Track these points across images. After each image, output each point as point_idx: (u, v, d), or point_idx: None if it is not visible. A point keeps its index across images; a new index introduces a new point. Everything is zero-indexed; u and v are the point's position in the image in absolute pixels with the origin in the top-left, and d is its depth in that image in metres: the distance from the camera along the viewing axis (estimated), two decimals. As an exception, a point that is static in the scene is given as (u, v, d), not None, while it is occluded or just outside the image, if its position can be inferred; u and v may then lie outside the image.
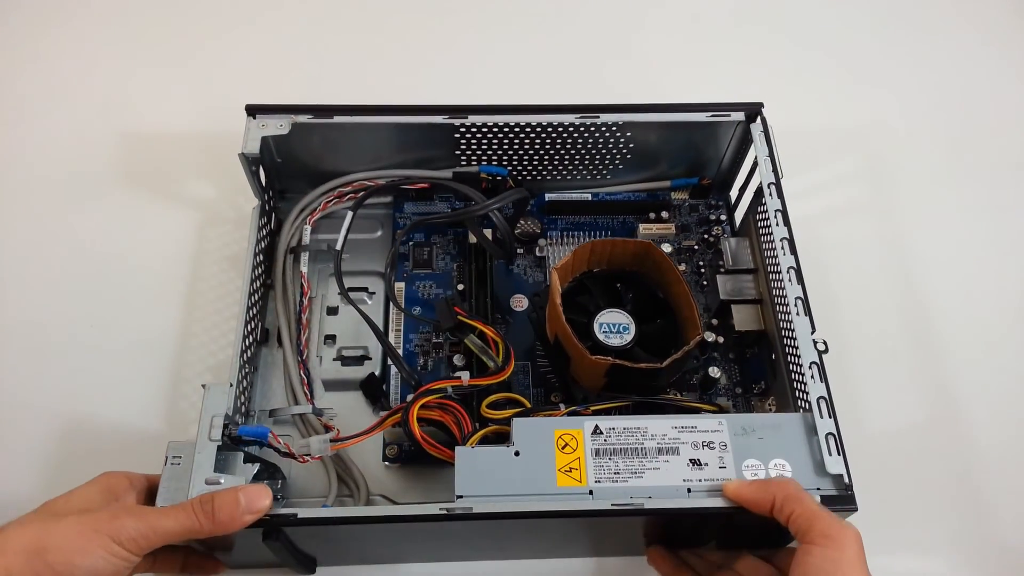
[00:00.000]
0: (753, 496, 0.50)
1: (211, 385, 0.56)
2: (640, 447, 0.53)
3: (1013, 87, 0.93)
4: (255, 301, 0.66)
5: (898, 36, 0.97)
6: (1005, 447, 0.70)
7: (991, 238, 0.82)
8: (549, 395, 0.66)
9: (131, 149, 0.84)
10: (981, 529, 0.67)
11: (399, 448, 0.64)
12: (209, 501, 0.49)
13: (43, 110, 0.86)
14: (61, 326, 0.73)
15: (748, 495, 0.51)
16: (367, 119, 0.67)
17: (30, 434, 0.67)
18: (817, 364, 0.57)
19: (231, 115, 0.68)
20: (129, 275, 0.76)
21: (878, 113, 0.90)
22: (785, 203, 0.64)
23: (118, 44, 0.91)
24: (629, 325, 0.62)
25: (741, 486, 0.51)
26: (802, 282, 0.60)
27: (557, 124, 0.68)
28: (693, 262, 0.72)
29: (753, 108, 0.68)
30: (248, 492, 0.50)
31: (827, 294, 0.76)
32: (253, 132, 0.66)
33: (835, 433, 0.54)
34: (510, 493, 0.51)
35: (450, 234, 0.74)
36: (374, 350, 0.69)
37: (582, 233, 0.74)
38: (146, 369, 0.70)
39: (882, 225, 0.82)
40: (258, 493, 0.50)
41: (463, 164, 0.72)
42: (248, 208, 0.70)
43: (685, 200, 0.76)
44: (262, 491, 0.50)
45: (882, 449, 0.69)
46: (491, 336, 0.63)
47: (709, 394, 0.67)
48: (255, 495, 0.50)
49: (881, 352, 0.74)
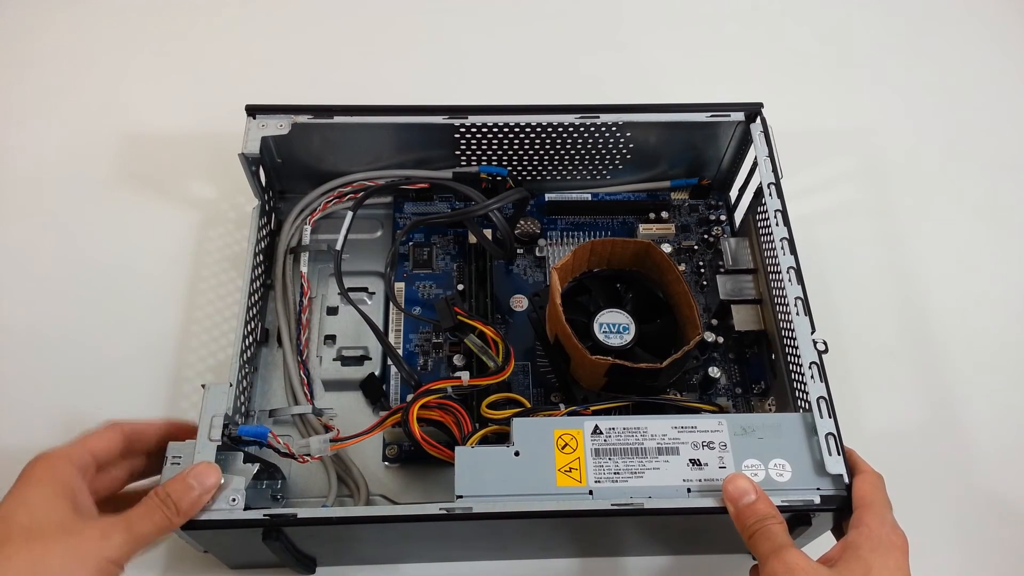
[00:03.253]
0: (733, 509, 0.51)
1: (211, 385, 0.56)
2: (640, 447, 0.54)
3: (1012, 87, 0.93)
4: (255, 301, 0.66)
5: (898, 36, 0.97)
6: (1005, 446, 0.70)
7: (991, 238, 0.82)
8: (549, 395, 0.66)
9: (131, 149, 0.84)
10: (981, 529, 0.67)
11: (399, 448, 0.64)
12: (166, 496, 0.50)
13: (43, 110, 0.86)
14: (61, 326, 0.73)
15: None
16: (367, 119, 0.67)
17: (30, 434, 0.67)
18: (817, 364, 0.57)
19: (231, 115, 0.68)
20: (129, 275, 0.76)
21: (878, 113, 0.90)
22: (785, 203, 0.64)
23: (118, 44, 0.91)
24: (629, 325, 0.62)
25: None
26: (802, 282, 0.60)
27: (557, 124, 0.68)
28: (693, 262, 0.73)
29: (753, 108, 0.68)
30: (197, 474, 0.51)
31: (827, 294, 0.76)
32: (253, 132, 0.66)
33: (835, 433, 0.54)
34: (510, 493, 0.51)
35: (450, 234, 0.74)
36: (374, 350, 0.69)
37: (582, 233, 0.74)
38: (146, 369, 0.70)
39: (882, 225, 0.82)
40: (205, 471, 0.51)
41: (463, 164, 0.72)
42: (248, 208, 0.70)
43: (685, 200, 0.76)
44: (208, 468, 0.51)
45: (882, 449, 0.68)
46: (491, 336, 0.63)
47: (709, 394, 0.67)
48: (203, 474, 0.51)
49: (881, 352, 0.74)
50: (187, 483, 0.50)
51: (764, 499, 0.51)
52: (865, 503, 0.51)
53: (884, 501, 0.51)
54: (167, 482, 0.51)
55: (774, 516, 0.50)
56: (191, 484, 0.50)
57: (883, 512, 0.50)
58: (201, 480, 0.51)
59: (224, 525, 0.51)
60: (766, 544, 0.48)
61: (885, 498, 0.52)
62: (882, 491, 0.52)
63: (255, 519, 0.51)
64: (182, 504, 0.50)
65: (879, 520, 0.49)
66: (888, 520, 0.50)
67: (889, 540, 0.49)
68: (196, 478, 0.51)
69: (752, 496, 0.50)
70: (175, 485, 0.50)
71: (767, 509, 0.50)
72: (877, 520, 0.49)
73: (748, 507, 0.50)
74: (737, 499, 0.51)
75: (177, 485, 0.50)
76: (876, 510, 0.50)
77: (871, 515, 0.50)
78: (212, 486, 0.51)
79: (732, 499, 0.51)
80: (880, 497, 0.51)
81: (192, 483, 0.50)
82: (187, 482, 0.50)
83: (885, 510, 0.51)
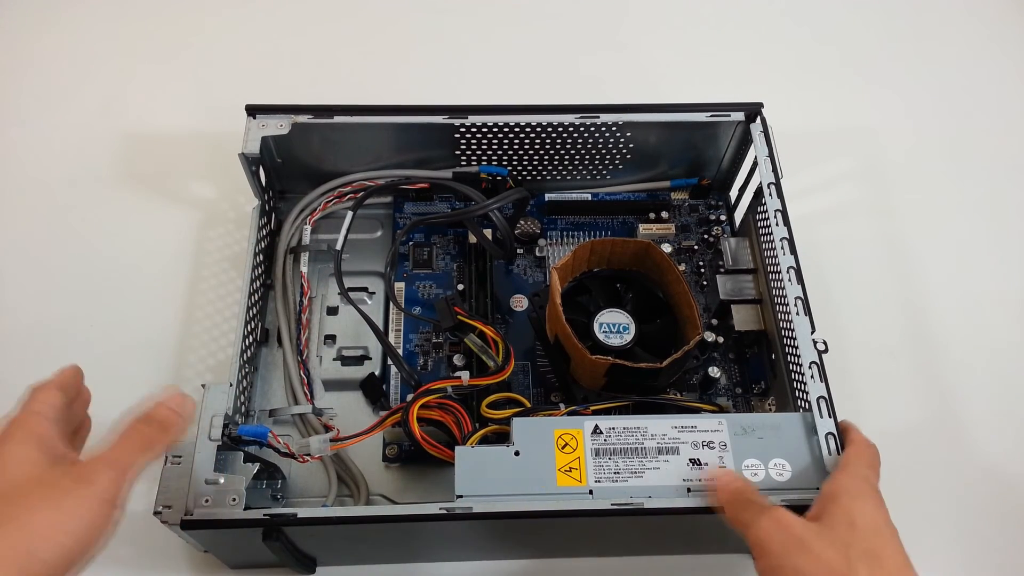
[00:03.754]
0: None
1: (211, 385, 0.56)
2: (640, 447, 0.54)
3: (1012, 87, 0.93)
4: (255, 301, 0.66)
5: (898, 36, 0.97)
6: (1005, 446, 0.70)
7: (991, 238, 0.82)
8: (549, 395, 0.66)
9: (131, 149, 0.84)
10: (981, 529, 0.67)
11: (399, 448, 0.64)
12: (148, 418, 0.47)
13: (43, 110, 0.86)
14: (61, 325, 0.73)
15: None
16: (367, 119, 0.67)
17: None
18: (817, 364, 0.57)
19: (231, 115, 0.68)
20: (129, 275, 0.76)
21: (878, 113, 0.90)
22: (785, 203, 0.64)
23: (118, 44, 0.92)
24: (629, 325, 0.62)
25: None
26: (802, 282, 0.60)
27: (557, 124, 0.68)
28: (693, 262, 0.73)
29: (753, 108, 0.68)
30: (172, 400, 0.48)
31: (827, 294, 0.76)
32: (253, 132, 0.66)
33: (835, 433, 0.54)
34: (510, 493, 0.52)
35: (450, 234, 0.74)
36: (374, 350, 0.69)
37: (582, 233, 0.74)
38: (146, 369, 0.70)
39: (882, 225, 0.82)
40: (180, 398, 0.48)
41: (463, 164, 0.72)
42: (248, 208, 0.70)
43: (685, 200, 0.76)
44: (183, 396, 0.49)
45: (882, 449, 0.68)
46: (491, 336, 0.63)
47: (709, 394, 0.67)
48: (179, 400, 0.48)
49: (881, 352, 0.74)
50: (165, 407, 0.48)
51: (743, 479, 0.52)
52: (843, 463, 0.52)
53: (866, 462, 0.52)
54: (145, 409, 0.47)
55: (754, 490, 0.51)
56: (170, 407, 0.48)
57: (858, 469, 0.51)
58: (180, 405, 0.48)
59: (224, 525, 0.51)
60: (752, 507, 0.49)
61: (868, 461, 0.52)
62: (866, 456, 0.53)
63: (255, 519, 0.51)
64: (166, 423, 0.47)
65: (850, 474, 0.51)
66: (860, 474, 0.51)
67: (861, 489, 0.49)
68: (172, 402, 0.48)
69: (729, 477, 0.52)
70: (155, 409, 0.47)
71: (747, 485, 0.51)
72: (848, 475, 0.51)
73: (727, 484, 0.51)
74: (715, 479, 0.52)
75: (157, 409, 0.47)
76: (852, 469, 0.51)
77: (845, 473, 0.51)
78: (191, 410, 0.49)
79: (709, 480, 0.52)
80: (862, 459, 0.52)
81: (171, 406, 0.48)
82: (165, 406, 0.48)
83: (861, 467, 0.51)
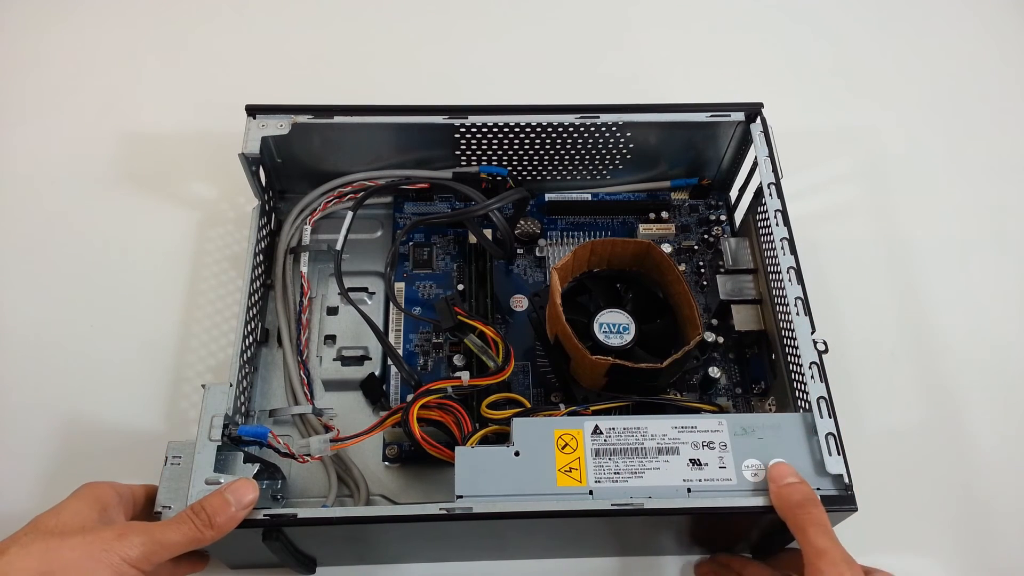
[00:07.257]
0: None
1: (211, 385, 0.56)
2: (640, 447, 0.54)
3: (1012, 87, 0.93)
4: (255, 301, 0.66)
5: (898, 36, 0.97)
6: (1005, 446, 0.70)
7: (991, 238, 0.82)
8: (549, 395, 0.66)
9: (131, 149, 0.84)
10: (981, 528, 0.67)
11: (399, 448, 0.64)
12: (201, 510, 0.49)
13: (43, 110, 0.86)
14: (61, 326, 0.73)
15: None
16: (367, 119, 0.67)
17: (30, 434, 0.67)
18: (817, 364, 0.57)
19: (231, 115, 0.68)
20: (129, 275, 0.76)
21: (878, 113, 0.90)
22: (785, 203, 0.64)
23: (118, 44, 0.91)
24: (629, 325, 0.62)
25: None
26: (802, 282, 0.60)
27: (557, 124, 0.68)
28: (693, 262, 0.73)
29: (753, 108, 0.68)
30: (235, 490, 0.50)
31: (827, 294, 0.76)
32: (253, 132, 0.66)
33: (835, 433, 0.54)
34: (510, 493, 0.52)
35: (450, 234, 0.74)
36: (374, 350, 0.69)
37: (582, 233, 0.74)
38: (146, 369, 0.70)
39: (882, 225, 0.82)
40: (244, 488, 0.50)
41: (463, 164, 0.72)
42: (248, 208, 0.71)
43: (685, 200, 0.76)
44: (247, 485, 0.51)
45: (882, 449, 0.69)
46: (491, 336, 0.63)
47: (709, 394, 0.67)
48: (241, 491, 0.50)
49: (881, 352, 0.74)
50: (223, 498, 0.50)
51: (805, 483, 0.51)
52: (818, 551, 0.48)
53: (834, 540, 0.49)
54: (204, 496, 0.50)
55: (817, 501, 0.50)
56: (227, 499, 0.50)
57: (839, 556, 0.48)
58: (239, 497, 0.50)
59: (224, 525, 0.51)
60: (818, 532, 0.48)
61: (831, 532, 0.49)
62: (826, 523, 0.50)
63: (255, 519, 0.51)
64: (217, 519, 0.49)
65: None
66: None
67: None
68: (233, 494, 0.50)
69: (793, 478, 0.51)
70: (211, 499, 0.50)
71: (810, 491, 0.51)
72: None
73: (790, 486, 0.51)
74: (779, 480, 0.51)
75: (213, 499, 0.50)
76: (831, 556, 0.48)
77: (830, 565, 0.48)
78: (250, 503, 0.50)
79: (773, 479, 0.51)
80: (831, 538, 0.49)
81: (228, 498, 0.50)
82: (223, 496, 0.50)
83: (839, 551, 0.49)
